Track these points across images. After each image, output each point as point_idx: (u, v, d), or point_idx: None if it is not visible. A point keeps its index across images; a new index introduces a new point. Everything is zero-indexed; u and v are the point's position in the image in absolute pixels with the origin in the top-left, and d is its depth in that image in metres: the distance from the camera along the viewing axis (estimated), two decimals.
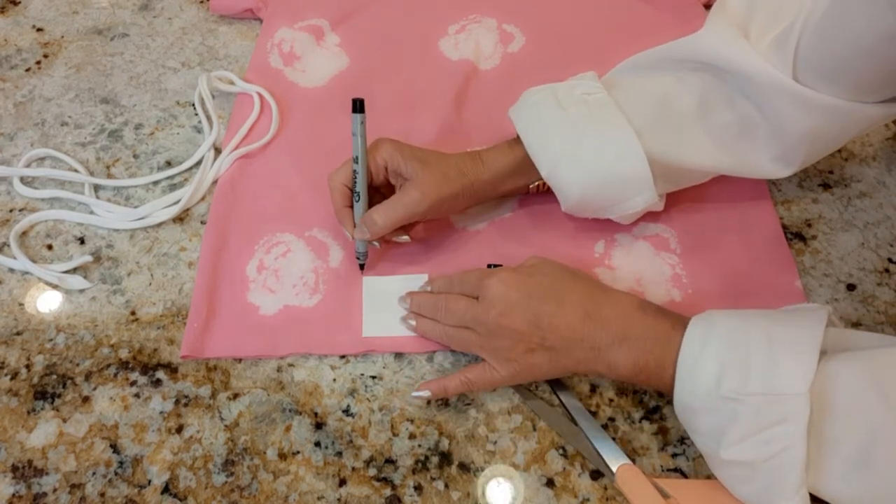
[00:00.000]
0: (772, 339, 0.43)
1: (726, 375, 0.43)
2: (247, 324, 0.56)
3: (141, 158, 0.68)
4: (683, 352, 0.46)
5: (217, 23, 0.80)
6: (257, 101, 0.70)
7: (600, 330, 0.48)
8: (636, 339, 0.48)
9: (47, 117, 0.71)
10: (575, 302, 0.49)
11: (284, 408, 0.53)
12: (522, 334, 0.49)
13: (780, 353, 0.43)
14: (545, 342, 0.49)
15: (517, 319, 0.49)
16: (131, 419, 0.52)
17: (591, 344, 0.48)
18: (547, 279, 0.50)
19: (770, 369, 0.42)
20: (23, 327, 0.57)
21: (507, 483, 0.49)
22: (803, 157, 0.54)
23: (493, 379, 0.50)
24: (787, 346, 0.43)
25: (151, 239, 0.62)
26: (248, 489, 0.49)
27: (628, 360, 0.48)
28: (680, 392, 0.46)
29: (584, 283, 0.51)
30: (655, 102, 0.55)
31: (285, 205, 0.63)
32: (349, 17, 0.79)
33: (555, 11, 0.79)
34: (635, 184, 0.54)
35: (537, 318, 0.48)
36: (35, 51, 0.78)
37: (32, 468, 0.50)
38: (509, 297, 0.49)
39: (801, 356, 0.42)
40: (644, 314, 0.49)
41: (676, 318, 0.49)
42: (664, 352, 0.47)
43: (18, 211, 0.64)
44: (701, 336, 0.46)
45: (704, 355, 0.45)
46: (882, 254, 0.60)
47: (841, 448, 0.41)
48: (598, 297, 0.50)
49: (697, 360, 0.45)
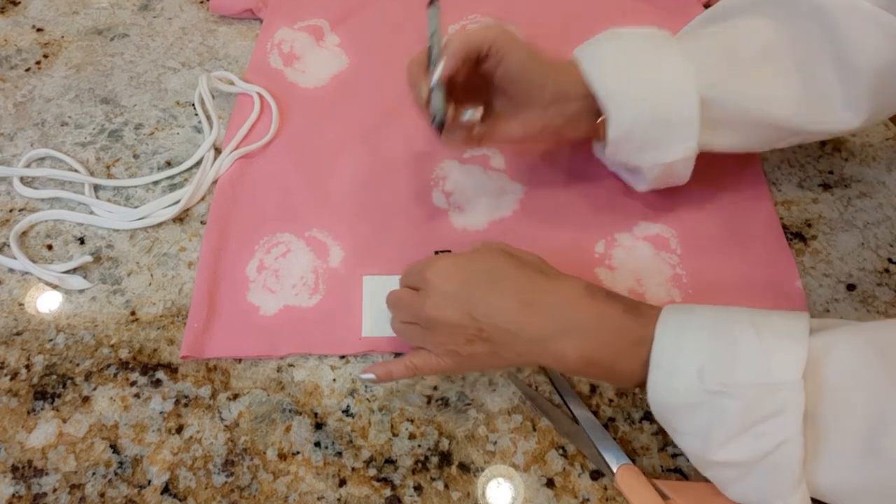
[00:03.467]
0: (758, 326, 0.40)
1: (711, 366, 0.40)
2: (247, 324, 0.56)
3: (141, 158, 0.68)
4: (658, 343, 0.42)
5: (217, 23, 0.80)
6: (257, 101, 0.70)
7: (542, 319, 0.44)
8: (583, 328, 0.44)
9: (47, 117, 0.71)
10: (514, 290, 0.45)
11: (284, 408, 0.53)
12: (458, 326, 0.45)
13: (768, 339, 0.39)
14: (483, 333, 0.45)
15: (451, 311, 0.45)
16: (131, 419, 0.52)
17: (533, 335, 0.44)
18: (486, 266, 0.47)
19: (760, 356, 0.39)
20: (23, 327, 0.57)
21: (507, 483, 0.49)
22: (873, 103, 0.51)
23: (438, 366, 0.48)
24: (774, 332, 0.40)
25: (151, 239, 0.62)
26: (248, 489, 0.49)
27: (575, 352, 0.44)
28: (656, 388, 0.42)
29: (526, 268, 0.47)
30: (720, 44, 0.53)
31: (285, 205, 0.63)
32: (349, 17, 0.79)
33: (555, 11, 0.79)
34: (682, 127, 0.52)
35: (472, 308, 0.45)
36: (35, 51, 0.78)
37: (32, 468, 0.50)
38: (444, 287, 0.46)
39: (791, 340, 0.39)
40: (592, 300, 0.45)
41: (629, 303, 0.45)
42: (616, 341, 0.43)
43: (18, 211, 0.64)
44: (677, 325, 0.42)
45: (684, 346, 0.41)
46: (882, 254, 0.60)
47: (841, 434, 0.37)
48: (541, 284, 0.46)
49: (676, 352, 0.41)
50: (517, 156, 0.66)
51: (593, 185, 0.64)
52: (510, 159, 0.66)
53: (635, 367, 0.43)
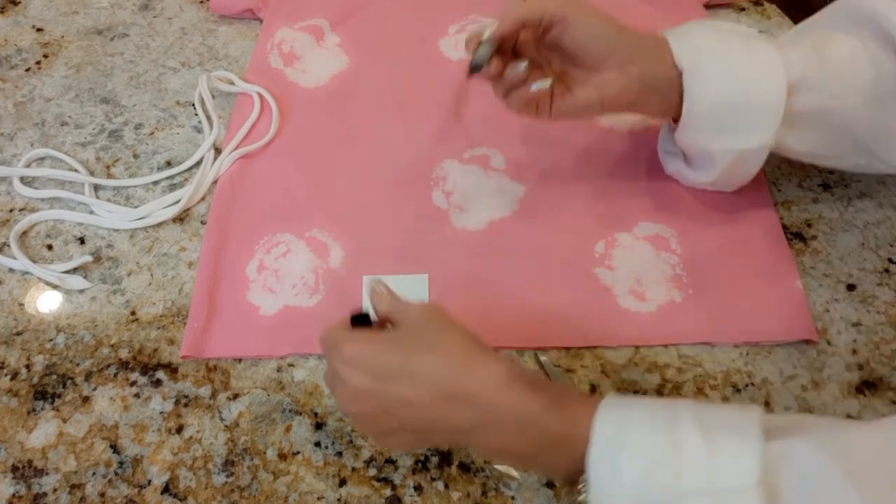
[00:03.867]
0: (704, 424, 0.36)
1: (655, 470, 0.35)
2: (247, 324, 0.56)
3: (141, 158, 0.68)
4: (596, 442, 0.37)
5: (217, 23, 0.80)
6: (257, 101, 0.70)
7: (460, 411, 0.40)
8: (500, 422, 0.40)
9: (47, 117, 0.71)
10: (430, 381, 0.41)
11: (284, 408, 0.53)
12: (376, 419, 0.42)
13: (717, 437, 0.35)
14: (405, 424, 0.42)
15: (366, 406, 0.42)
16: (131, 419, 0.52)
17: (451, 426, 0.41)
18: (398, 356, 0.42)
19: (708, 457, 0.34)
20: (23, 327, 0.57)
21: (507, 483, 0.49)
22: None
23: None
24: (724, 429, 0.35)
25: (151, 239, 0.62)
26: (248, 489, 0.49)
27: (493, 446, 0.41)
28: (598, 494, 0.37)
29: (447, 352, 0.42)
30: (810, 42, 0.52)
31: (285, 205, 0.63)
32: (349, 17, 0.79)
33: None
34: (764, 115, 0.51)
35: (387, 402, 0.41)
36: (35, 51, 0.78)
37: (32, 468, 0.50)
38: (355, 382, 0.41)
39: (743, 438, 0.34)
40: (510, 391, 0.40)
41: (553, 395, 0.40)
42: (536, 437, 0.39)
43: (18, 211, 0.64)
44: (617, 421, 0.38)
45: (624, 446, 0.36)
46: (882, 254, 0.60)
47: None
48: (461, 370, 0.41)
49: (616, 453, 0.37)
50: (517, 156, 0.66)
51: (593, 185, 0.63)
52: (510, 159, 0.66)
53: (561, 463, 0.40)
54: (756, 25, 0.78)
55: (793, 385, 0.53)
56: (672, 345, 0.55)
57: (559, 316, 0.56)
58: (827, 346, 0.55)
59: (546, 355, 0.54)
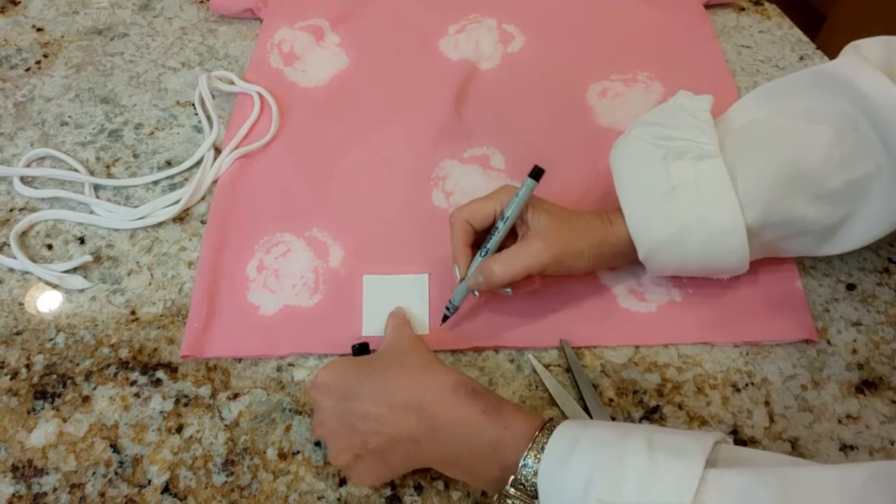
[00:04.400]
0: (652, 444, 0.37)
1: (596, 482, 0.36)
2: (247, 324, 0.56)
3: (141, 158, 0.68)
4: (546, 458, 0.39)
5: (217, 23, 0.80)
6: (257, 101, 0.70)
7: (412, 420, 0.43)
8: (443, 429, 0.42)
9: (47, 117, 0.71)
10: (387, 392, 0.44)
11: (284, 407, 0.53)
12: (342, 437, 0.45)
13: (660, 457, 0.36)
14: (368, 442, 0.44)
15: (333, 424, 0.45)
16: (131, 419, 0.52)
17: (407, 436, 0.43)
18: (362, 372, 0.46)
19: (647, 475, 0.36)
20: (23, 327, 0.57)
21: None
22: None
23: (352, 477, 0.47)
24: (668, 451, 0.36)
25: (151, 239, 0.62)
26: (248, 489, 0.49)
27: (440, 455, 0.43)
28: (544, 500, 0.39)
29: (403, 368, 0.46)
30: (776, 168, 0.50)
31: (285, 205, 0.63)
32: (349, 17, 0.79)
33: (555, 12, 0.79)
34: (729, 270, 0.53)
35: (351, 418, 0.44)
36: (35, 51, 0.78)
37: (32, 468, 0.50)
38: (323, 403, 0.46)
39: (683, 461, 0.35)
40: (454, 398, 0.43)
41: (492, 403, 0.43)
42: (471, 442, 0.42)
43: (18, 211, 0.64)
44: (569, 439, 0.39)
45: (570, 460, 0.38)
46: (882, 254, 0.60)
47: None
48: (414, 382, 0.44)
49: (562, 467, 0.38)
50: (517, 156, 0.66)
51: (593, 186, 0.63)
52: (510, 159, 0.66)
53: (494, 471, 0.42)
54: (756, 26, 0.78)
55: (793, 385, 0.53)
56: (672, 345, 0.55)
57: (559, 316, 0.56)
58: (827, 346, 0.55)
59: None
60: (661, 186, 0.50)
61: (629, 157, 0.53)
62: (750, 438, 0.50)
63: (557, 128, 0.68)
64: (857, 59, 0.50)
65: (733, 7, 0.80)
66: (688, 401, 0.52)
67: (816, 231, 0.52)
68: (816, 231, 0.52)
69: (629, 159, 0.53)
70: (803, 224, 0.51)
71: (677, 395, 0.52)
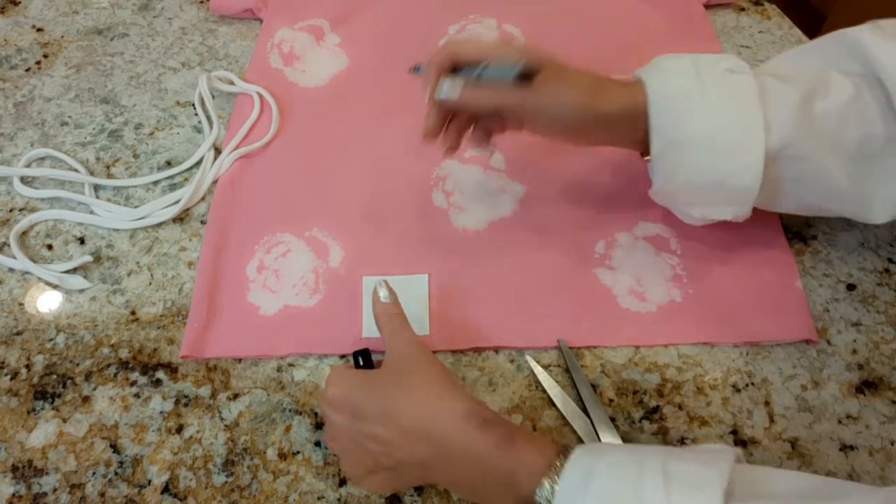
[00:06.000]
0: (668, 475, 0.36)
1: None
2: (247, 324, 0.56)
3: (141, 158, 0.68)
4: (564, 487, 0.38)
5: (217, 23, 0.80)
6: (257, 101, 0.70)
7: (422, 447, 0.42)
8: (452, 458, 0.42)
9: (47, 117, 0.71)
10: (398, 418, 0.42)
11: (284, 408, 0.53)
12: (353, 454, 0.44)
13: (675, 490, 0.36)
14: (378, 461, 0.43)
15: (344, 442, 0.45)
16: (131, 419, 0.52)
17: (416, 461, 0.42)
18: (374, 394, 0.44)
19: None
20: (23, 327, 0.57)
21: None
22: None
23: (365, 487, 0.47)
24: (685, 483, 0.36)
25: (151, 239, 0.62)
26: (248, 489, 0.49)
27: (450, 479, 0.43)
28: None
29: (415, 393, 0.43)
30: (801, 95, 0.49)
31: (285, 205, 0.63)
32: (349, 17, 0.79)
33: (555, 12, 0.79)
34: (737, 196, 0.51)
35: (361, 438, 0.43)
36: (35, 51, 0.78)
37: (32, 468, 0.50)
38: (335, 420, 0.45)
39: (700, 494, 0.35)
40: (466, 426, 0.41)
41: (505, 434, 0.42)
42: (482, 475, 0.41)
43: (18, 211, 0.64)
44: (586, 466, 0.39)
45: (589, 493, 0.37)
46: (882, 254, 0.60)
47: None
48: (425, 410, 0.43)
49: (581, 498, 0.37)
50: (517, 156, 0.66)
51: (593, 185, 0.64)
52: (510, 159, 0.66)
53: (508, 498, 0.41)
54: (756, 26, 0.78)
55: (793, 385, 0.53)
56: (672, 345, 0.55)
57: (559, 316, 0.56)
58: (827, 346, 0.55)
59: None
60: (693, 87, 0.49)
61: (661, 68, 0.52)
62: (750, 438, 0.50)
63: None
64: (880, 32, 0.49)
65: (733, 7, 0.80)
66: (688, 401, 0.52)
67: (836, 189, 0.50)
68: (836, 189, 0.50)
69: (661, 67, 0.52)
70: (824, 172, 0.50)
71: (677, 395, 0.52)
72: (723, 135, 0.49)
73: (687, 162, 0.50)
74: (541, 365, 0.54)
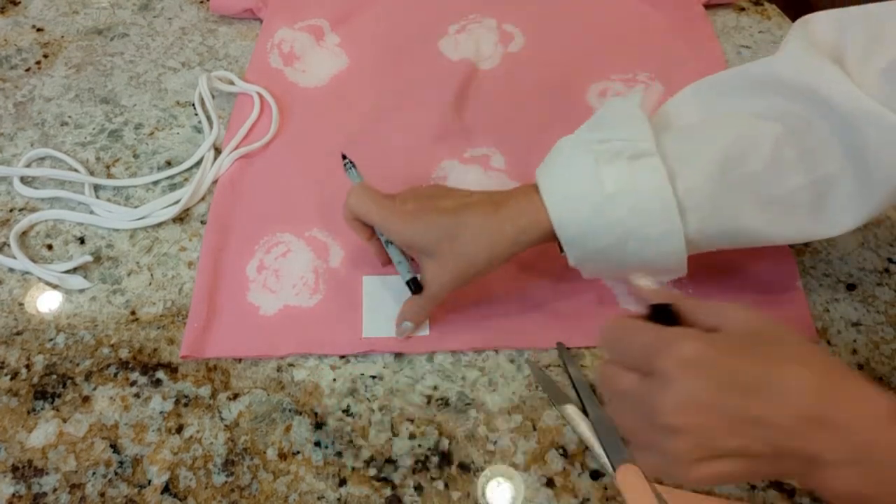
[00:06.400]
0: None
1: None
2: (247, 324, 0.56)
3: (141, 158, 0.68)
4: None
5: (217, 23, 0.80)
6: (257, 101, 0.70)
7: (827, 441, 0.33)
8: (877, 463, 0.33)
9: (47, 117, 0.71)
10: (795, 397, 0.34)
11: (284, 408, 0.53)
12: (710, 439, 0.34)
13: None
14: (747, 447, 0.34)
15: (700, 418, 0.34)
16: (131, 419, 0.52)
17: (809, 456, 0.34)
18: (756, 362, 0.34)
19: None
20: (23, 327, 0.57)
21: (507, 483, 0.49)
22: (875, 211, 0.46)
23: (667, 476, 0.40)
24: None
25: (151, 239, 0.62)
26: (248, 489, 0.49)
27: (853, 487, 0.34)
28: None
29: (812, 366, 0.34)
30: (718, 166, 0.46)
31: (285, 205, 0.63)
32: (349, 17, 0.79)
33: (555, 12, 0.79)
34: (668, 273, 0.50)
35: (733, 417, 0.34)
36: (35, 51, 0.78)
37: (32, 468, 0.50)
38: (692, 389, 0.34)
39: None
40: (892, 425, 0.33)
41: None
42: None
43: (18, 211, 0.64)
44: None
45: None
46: (882, 254, 0.60)
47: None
48: (834, 392, 0.34)
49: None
50: (518, 156, 0.66)
51: None
52: (510, 159, 0.66)
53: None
54: (756, 26, 0.78)
55: None
56: None
57: (559, 316, 0.56)
58: (827, 346, 0.55)
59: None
60: (597, 196, 0.46)
61: (560, 166, 0.49)
62: None
63: (557, 128, 0.68)
64: (808, 53, 0.46)
65: (733, 7, 0.80)
66: None
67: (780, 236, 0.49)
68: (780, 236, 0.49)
69: (560, 169, 0.49)
70: (753, 236, 0.48)
71: None
72: (636, 235, 0.47)
73: (606, 267, 0.50)
74: (541, 365, 0.54)
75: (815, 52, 0.46)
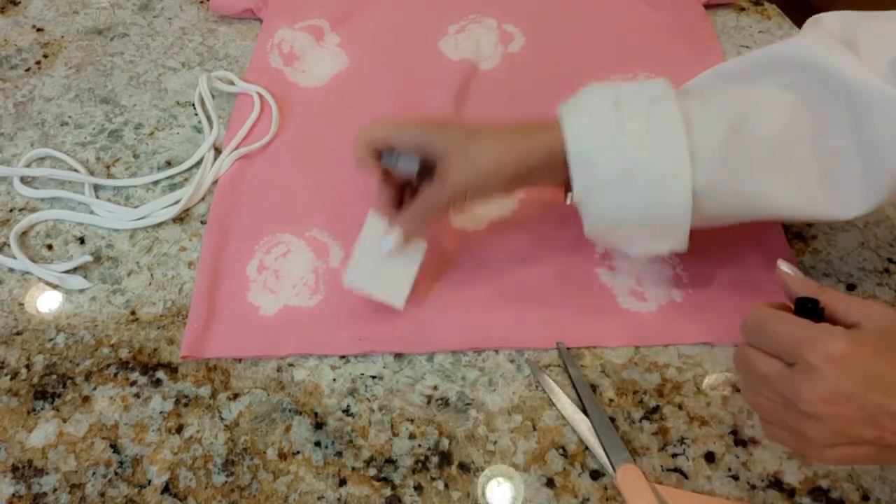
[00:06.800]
0: None
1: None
2: (247, 324, 0.56)
3: (141, 158, 0.68)
4: None
5: (217, 23, 0.80)
6: (257, 101, 0.70)
7: None
8: None
9: (47, 117, 0.71)
10: None
11: (284, 408, 0.53)
12: (848, 428, 0.37)
13: None
14: (880, 440, 0.37)
15: (843, 410, 0.36)
16: (131, 419, 0.52)
17: None
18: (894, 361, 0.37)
19: None
20: (23, 327, 0.57)
21: (507, 483, 0.49)
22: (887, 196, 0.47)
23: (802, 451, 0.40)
24: None
25: (151, 239, 0.62)
26: (248, 489, 0.49)
27: None
28: None
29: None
30: (732, 122, 0.47)
31: (285, 205, 0.63)
32: (349, 17, 0.79)
33: (555, 12, 0.79)
34: (670, 231, 0.50)
35: (874, 414, 0.36)
36: (35, 51, 0.78)
37: (32, 468, 0.50)
38: (836, 383, 0.36)
39: None
40: None
41: None
42: None
43: (18, 211, 0.64)
44: None
45: None
46: (882, 254, 0.60)
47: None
48: None
49: None
50: None
51: None
52: None
53: None
54: (756, 26, 0.78)
55: None
56: (672, 345, 0.55)
57: (559, 316, 0.56)
58: None
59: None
60: (611, 121, 0.47)
61: (579, 97, 0.50)
62: (750, 438, 0.50)
63: None
64: (824, 38, 0.48)
65: (733, 7, 0.80)
66: (688, 401, 0.52)
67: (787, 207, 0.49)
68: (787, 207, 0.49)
69: (580, 98, 0.50)
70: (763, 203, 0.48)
71: (677, 395, 0.52)
72: (643, 171, 0.47)
73: (609, 203, 0.49)
74: (541, 365, 0.54)
75: (831, 38, 0.47)
